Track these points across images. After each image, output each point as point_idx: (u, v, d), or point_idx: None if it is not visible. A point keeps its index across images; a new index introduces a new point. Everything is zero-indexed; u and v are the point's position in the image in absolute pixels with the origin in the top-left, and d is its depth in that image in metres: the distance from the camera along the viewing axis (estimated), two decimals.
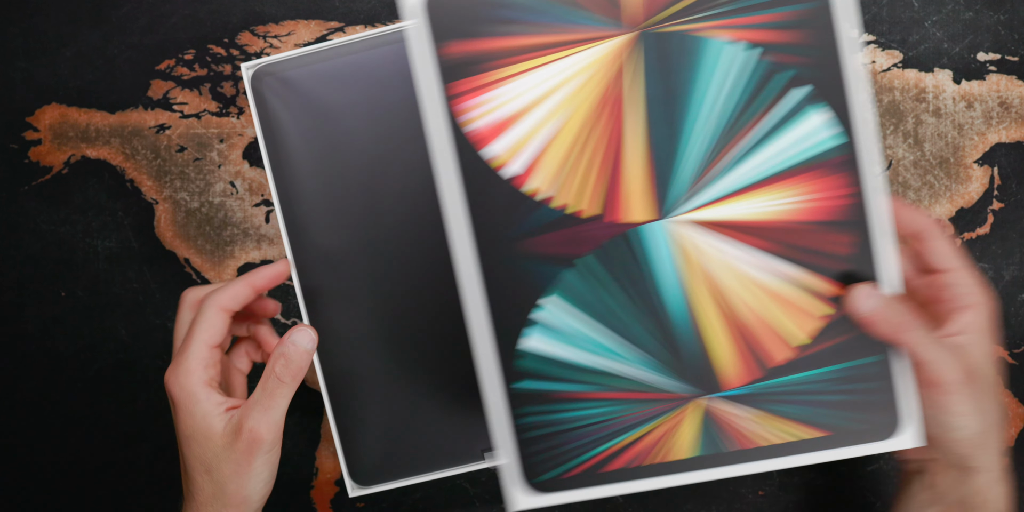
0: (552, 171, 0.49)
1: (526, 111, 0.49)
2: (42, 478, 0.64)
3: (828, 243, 0.50)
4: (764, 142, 0.49)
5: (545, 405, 0.51)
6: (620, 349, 0.51)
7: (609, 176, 0.49)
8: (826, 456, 0.51)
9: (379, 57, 0.57)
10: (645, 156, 0.49)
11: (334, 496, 0.64)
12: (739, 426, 0.51)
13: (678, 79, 0.48)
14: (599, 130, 0.49)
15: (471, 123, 0.49)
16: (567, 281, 0.50)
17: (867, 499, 0.63)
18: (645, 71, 0.49)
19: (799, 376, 0.51)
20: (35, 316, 0.64)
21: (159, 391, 0.64)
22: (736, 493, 0.63)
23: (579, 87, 0.49)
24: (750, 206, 0.50)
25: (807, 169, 0.49)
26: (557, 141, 0.49)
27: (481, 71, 0.49)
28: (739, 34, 0.48)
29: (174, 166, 0.63)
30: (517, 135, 0.49)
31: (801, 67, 0.48)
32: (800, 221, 0.50)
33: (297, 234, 0.57)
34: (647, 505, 0.63)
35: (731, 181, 0.49)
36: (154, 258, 0.64)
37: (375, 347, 0.58)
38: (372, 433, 0.58)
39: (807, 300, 0.50)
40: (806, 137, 0.49)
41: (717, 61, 0.48)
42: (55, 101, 0.64)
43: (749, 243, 0.50)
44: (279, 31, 0.63)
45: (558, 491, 0.52)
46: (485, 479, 0.63)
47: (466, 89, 0.49)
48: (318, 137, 0.57)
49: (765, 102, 0.49)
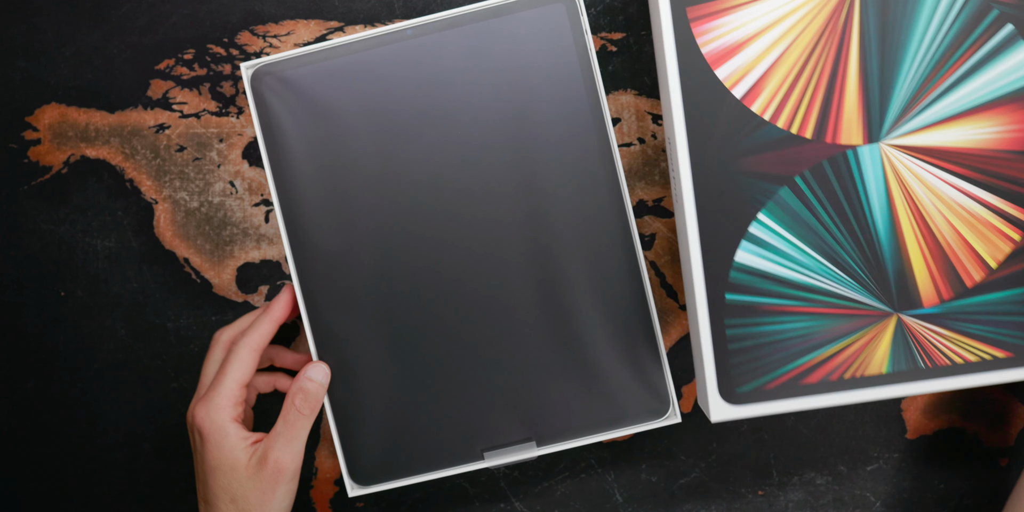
0: (775, 93, 0.54)
1: (756, 36, 0.53)
2: (42, 478, 0.64)
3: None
4: (972, 75, 0.53)
5: (751, 318, 0.54)
6: (825, 266, 0.54)
7: (825, 100, 0.53)
8: (1013, 376, 0.54)
9: (379, 57, 0.57)
10: (859, 83, 0.53)
11: (334, 496, 0.64)
12: (932, 343, 0.54)
13: (895, 12, 0.53)
14: (818, 57, 0.53)
15: (708, 45, 0.53)
16: (782, 198, 0.54)
17: (867, 499, 0.63)
18: (865, 3, 0.53)
19: (990, 297, 0.54)
20: (34, 316, 0.64)
21: (159, 391, 0.64)
22: (736, 493, 0.63)
23: (804, 16, 0.53)
24: (956, 134, 0.54)
25: (1010, 101, 0.53)
26: (781, 65, 0.53)
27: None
28: None
29: (173, 166, 0.63)
30: (747, 58, 0.53)
31: (1006, 7, 0.53)
32: (1002, 149, 0.54)
33: (296, 234, 0.57)
34: (647, 505, 0.63)
35: (939, 110, 0.54)
36: (153, 258, 0.64)
37: (375, 347, 0.58)
38: (371, 433, 0.58)
39: (1002, 225, 0.54)
40: (1011, 71, 0.53)
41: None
42: (54, 101, 0.64)
43: (952, 170, 0.54)
44: (279, 31, 0.63)
45: (757, 402, 0.55)
46: (485, 479, 0.63)
47: (705, 13, 0.53)
48: (318, 136, 0.57)
49: (975, 37, 0.53)
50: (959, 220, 0.54)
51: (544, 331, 0.58)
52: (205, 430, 0.55)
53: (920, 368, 0.54)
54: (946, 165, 0.54)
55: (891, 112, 0.54)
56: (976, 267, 0.54)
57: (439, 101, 0.57)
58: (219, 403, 0.55)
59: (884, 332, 0.55)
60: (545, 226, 0.57)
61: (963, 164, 0.54)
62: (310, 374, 0.56)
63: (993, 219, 0.54)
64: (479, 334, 0.58)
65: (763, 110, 0.54)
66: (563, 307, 0.57)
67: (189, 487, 0.64)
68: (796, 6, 0.53)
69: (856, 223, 0.54)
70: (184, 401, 0.64)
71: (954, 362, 0.54)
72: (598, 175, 0.57)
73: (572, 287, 0.57)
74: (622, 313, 0.57)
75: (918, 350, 0.54)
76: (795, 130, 0.54)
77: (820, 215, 0.54)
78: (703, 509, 0.63)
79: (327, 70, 0.57)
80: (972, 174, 0.54)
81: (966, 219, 0.54)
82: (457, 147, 0.57)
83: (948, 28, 0.53)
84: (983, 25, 0.53)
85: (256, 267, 0.64)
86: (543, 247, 0.57)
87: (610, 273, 0.57)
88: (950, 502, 0.63)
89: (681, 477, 0.63)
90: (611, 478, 0.63)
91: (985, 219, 0.54)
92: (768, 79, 0.54)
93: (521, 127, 0.57)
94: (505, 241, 0.58)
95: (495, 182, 0.57)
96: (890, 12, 0.53)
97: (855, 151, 0.54)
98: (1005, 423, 0.63)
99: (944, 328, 0.54)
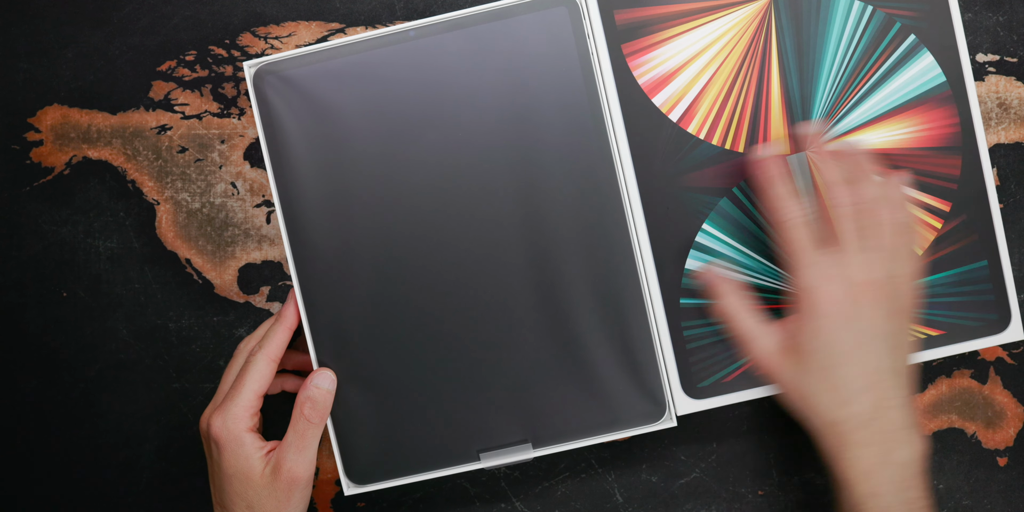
0: (708, 114, 0.59)
1: (686, 65, 0.59)
2: (42, 478, 0.65)
3: (939, 166, 0.59)
4: (883, 82, 0.59)
5: (705, 319, 0.59)
6: (768, 266, 0.59)
7: (753, 117, 0.59)
8: (948, 351, 0.59)
9: (382, 57, 0.57)
10: (782, 99, 0.59)
11: (334, 496, 0.64)
12: None
13: (808, 32, 0.59)
14: (743, 78, 0.59)
15: (643, 76, 0.59)
16: (723, 209, 0.59)
17: None
18: (780, 28, 0.58)
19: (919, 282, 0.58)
20: (36, 316, 0.64)
21: (160, 392, 0.64)
22: (736, 493, 0.63)
23: (727, 43, 0.59)
24: (874, 137, 0.59)
25: (920, 103, 0.59)
26: (710, 89, 0.59)
27: (649, 33, 0.59)
28: None
29: (175, 167, 0.64)
30: (680, 85, 0.59)
31: (907, 19, 0.58)
32: (917, 147, 0.59)
33: (298, 234, 0.57)
34: (647, 505, 0.63)
35: (857, 116, 0.59)
36: (155, 259, 0.64)
37: (373, 347, 0.58)
38: (369, 432, 0.58)
39: (924, 216, 0.59)
40: (918, 76, 0.59)
41: (841, 16, 0.58)
42: (57, 102, 0.64)
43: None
44: (280, 32, 0.63)
45: (718, 395, 0.59)
46: (486, 479, 0.63)
47: (638, 48, 0.59)
48: (319, 136, 0.57)
49: (882, 49, 0.59)
50: None
51: (542, 333, 0.58)
52: (221, 440, 0.55)
53: None
54: None
55: (812, 122, 0.59)
56: None
57: (440, 102, 0.57)
58: (236, 413, 0.56)
59: None
60: (544, 229, 0.57)
61: (884, 164, 0.59)
62: (317, 382, 0.57)
63: (915, 211, 0.59)
64: (477, 335, 0.58)
65: (698, 130, 0.59)
66: (561, 310, 0.58)
67: (191, 487, 0.64)
68: (719, 35, 0.58)
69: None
70: (186, 401, 0.64)
71: None
72: (597, 178, 0.57)
73: (570, 290, 0.58)
74: (619, 316, 0.58)
75: None
76: (729, 145, 0.59)
77: (759, 220, 0.59)
78: (703, 509, 0.64)
79: (330, 70, 0.57)
80: (892, 172, 0.58)
81: None
82: (457, 149, 0.57)
83: (857, 43, 0.59)
84: (888, 37, 0.58)
85: (258, 268, 0.64)
86: (542, 250, 0.58)
87: (608, 277, 0.58)
88: (949, 502, 0.63)
89: (681, 477, 0.64)
90: (611, 478, 0.63)
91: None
92: (700, 102, 0.59)
93: (522, 130, 0.57)
94: (504, 243, 0.58)
95: (495, 184, 0.57)
96: (803, 33, 0.58)
97: (785, 161, 0.58)
98: (1004, 423, 0.64)
99: None
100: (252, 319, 0.64)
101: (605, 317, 0.58)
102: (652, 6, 0.58)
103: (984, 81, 0.63)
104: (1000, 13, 0.63)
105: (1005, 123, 0.63)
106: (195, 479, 0.64)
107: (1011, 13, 0.63)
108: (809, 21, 0.58)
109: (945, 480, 0.63)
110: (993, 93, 0.63)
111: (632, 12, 0.58)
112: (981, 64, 0.63)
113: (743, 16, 0.58)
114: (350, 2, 0.63)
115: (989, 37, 0.63)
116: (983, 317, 0.59)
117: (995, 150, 0.63)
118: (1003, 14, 0.63)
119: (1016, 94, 0.63)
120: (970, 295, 0.59)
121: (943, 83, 0.59)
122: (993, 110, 0.63)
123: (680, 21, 0.58)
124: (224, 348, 0.64)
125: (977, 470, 0.63)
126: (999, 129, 0.63)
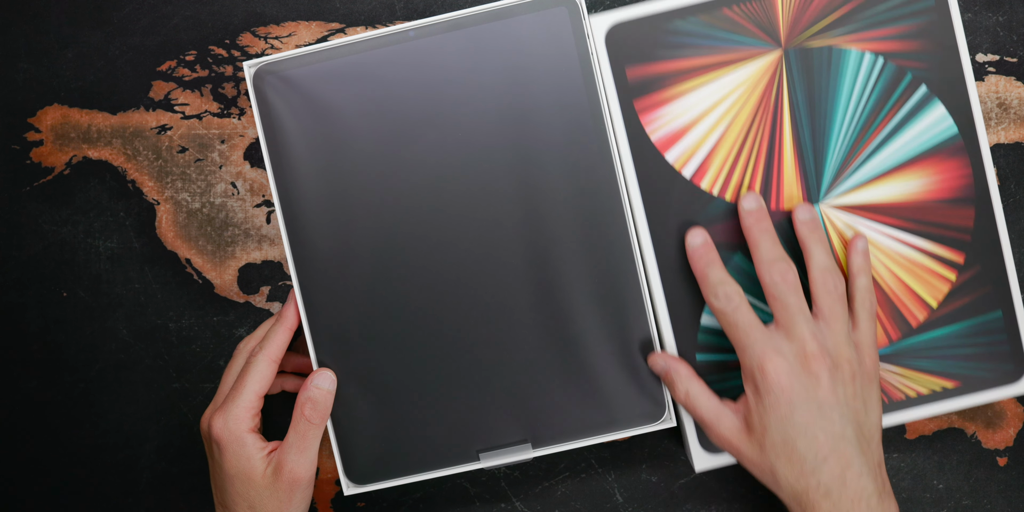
0: (721, 170, 0.58)
1: (698, 120, 0.58)
2: (44, 478, 0.65)
3: (952, 217, 0.59)
4: (896, 134, 0.59)
5: (721, 373, 0.59)
6: None
7: (766, 172, 0.59)
8: (964, 403, 0.59)
9: (381, 58, 0.57)
10: (794, 154, 0.59)
11: (335, 495, 0.64)
12: (887, 380, 0.59)
13: (819, 86, 0.58)
14: (755, 133, 0.58)
15: (656, 132, 0.58)
16: (737, 264, 0.59)
17: None
18: (791, 82, 0.58)
19: (934, 334, 0.59)
20: (36, 316, 0.64)
21: (161, 392, 0.64)
22: (736, 493, 0.64)
23: (738, 98, 0.58)
24: (887, 189, 0.59)
25: (932, 154, 0.59)
26: (723, 144, 0.58)
27: (660, 88, 0.58)
28: (868, 46, 0.58)
29: (176, 167, 0.64)
30: (692, 141, 0.58)
31: (917, 71, 0.58)
32: (930, 199, 0.59)
33: (297, 234, 0.57)
34: (647, 505, 0.63)
35: (870, 169, 0.59)
36: (155, 258, 0.64)
37: (373, 346, 0.58)
38: (368, 432, 0.58)
39: (939, 267, 0.59)
40: (930, 127, 0.58)
41: (852, 69, 0.58)
42: (57, 102, 0.64)
43: (888, 222, 0.59)
44: (280, 32, 0.63)
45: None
46: (486, 479, 0.64)
47: (650, 104, 0.58)
48: (319, 136, 0.57)
49: (892, 103, 0.58)
50: (899, 267, 0.59)
51: (541, 334, 0.58)
52: (223, 440, 0.56)
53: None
54: (881, 218, 0.59)
55: (826, 176, 0.59)
56: (919, 308, 0.59)
57: (440, 103, 0.57)
58: (237, 414, 0.56)
59: None
60: (544, 229, 0.58)
61: (897, 216, 0.59)
62: (317, 382, 0.57)
63: (930, 263, 0.59)
64: (477, 335, 0.58)
65: (711, 186, 0.58)
66: (560, 310, 0.58)
67: (191, 487, 0.64)
68: (730, 90, 0.58)
69: (806, 278, 0.58)
70: (186, 401, 0.64)
71: (908, 396, 0.59)
72: (596, 179, 0.57)
73: (570, 290, 0.58)
74: (619, 317, 0.58)
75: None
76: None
77: None
78: (703, 509, 0.64)
79: (329, 70, 0.57)
80: (906, 224, 0.59)
81: (905, 266, 0.59)
82: (457, 149, 0.57)
83: (868, 96, 0.58)
84: (900, 89, 0.58)
85: (258, 268, 0.64)
86: (542, 250, 0.58)
87: (608, 277, 0.58)
88: (949, 502, 0.63)
89: (681, 477, 0.64)
90: (611, 478, 0.64)
91: (923, 264, 0.59)
92: (713, 158, 0.58)
93: (521, 130, 0.57)
94: (504, 243, 0.58)
95: (494, 185, 0.57)
96: (814, 86, 0.58)
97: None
98: (1004, 423, 0.64)
99: (896, 366, 0.59)
100: (252, 319, 0.64)
101: (604, 317, 0.58)
102: (663, 61, 0.58)
103: (984, 81, 0.63)
104: (1000, 13, 0.63)
105: (1005, 123, 0.63)
106: (195, 479, 0.64)
107: (1011, 13, 0.63)
108: (820, 74, 0.58)
109: (945, 480, 0.63)
110: (993, 93, 0.63)
111: (644, 68, 0.58)
112: (981, 64, 0.63)
113: (754, 70, 0.58)
114: (350, 2, 0.63)
115: (989, 37, 0.63)
116: (998, 367, 0.59)
117: (995, 150, 0.63)
118: (1003, 14, 0.63)
119: (1016, 94, 0.63)
120: (985, 346, 0.59)
121: (955, 134, 0.58)
122: (993, 110, 0.63)
123: (691, 76, 0.58)
124: (224, 348, 0.64)
125: (977, 470, 0.63)
126: (999, 129, 0.63)
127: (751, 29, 0.58)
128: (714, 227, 0.58)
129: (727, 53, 0.58)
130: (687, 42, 0.58)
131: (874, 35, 0.58)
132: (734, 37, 0.58)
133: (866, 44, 0.58)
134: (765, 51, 0.58)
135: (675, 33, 0.58)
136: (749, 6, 0.58)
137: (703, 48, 0.58)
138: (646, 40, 0.58)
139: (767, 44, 0.58)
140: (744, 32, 0.58)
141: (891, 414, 0.59)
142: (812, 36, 0.58)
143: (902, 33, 0.58)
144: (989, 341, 0.59)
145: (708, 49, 0.58)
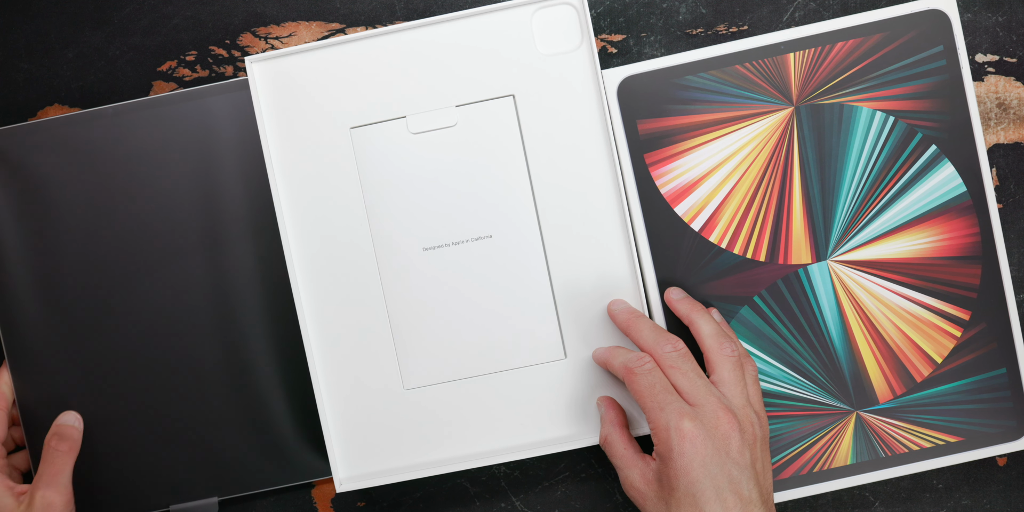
0: (730, 224, 0.59)
1: (708, 175, 0.59)
2: None
3: (959, 275, 0.60)
4: (904, 193, 0.59)
5: None
6: (788, 374, 0.60)
7: (775, 227, 0.59)
8: (966, 457, 0.60)
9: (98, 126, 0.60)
10: (804, 210, 0.59)
11: (335, 495, 0.64)
12: (890, 434, 0.60)
13: (830, 143, 0.59)
14: (765, 188, 0.59)
15: (666, 185, 0.59)
16: (744, 317, 0.60)
17: (866, 499, 0.63)
18: (802, 138, 0.59)
19: (938, 389, 0.60)
20: None
21: None
22: None
23: (748, 154, 0.59)
24: (895, 246, 0.60)
25: (940, 213, 0.59)
26: (732, 199, 0.59)
27: (672, 143, 0.59)
28: (879, 104, 0.59)
29: None
30: (702, 194, 0.59)
31: (928, 130, 0.59)
32: (937, 257, 0.60)
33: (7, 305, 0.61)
34: None
35: (878, 226, 0.60)
36: None
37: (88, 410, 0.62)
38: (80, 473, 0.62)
39: (944, 324, 0.60)
40: (938, 186, 0.59)
41: (864, 127, 0.59)
42: (57, 102, 0.64)
43: (894, 278, 0.60)
44: (280, 32, 0.63)
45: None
46: (486, 478, 0.63)
47: (660, 158, 0.59)
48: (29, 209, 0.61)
49: (902, 161, 0.59)
50: (905, 323, 0.60)
51: (228, 392, 0.61)
52: None
53: (881, 457, 0.60)
54: (888, 275, 0.60)
55: (835, 232, 0.60)
56: (923, 363, 0.60)
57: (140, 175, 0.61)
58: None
59: (846, 428, 0.60)
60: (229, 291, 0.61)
61: (904, 273, 0.60)
62: (61, 420, 0.61)
63: (935, 319, 0.60)
64: (173, 392, 0.61)
65: (720, 240, 0.59)
66: (248, 369, 0.61)
67: None
68: (741, 145, 0.59)
69: (812, 333, 0.60)
70: None
71: (911, 449, 0.60)
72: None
73: (256, 351, 0.61)
74: None
75: (878, 442, 0.60)
76: (750, 255, 0.60)
77: (779, 329, 0.60)
78: None
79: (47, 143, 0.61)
80: (912, 281, 0.60)
81: (911, 321, 0.60)
82: (152, 222, 0.61)
83: (878, 153, 0.59)
84: (909, 148, 0.59)
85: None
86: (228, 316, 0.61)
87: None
88: (949, 502, 0.63)
89: None
90: (611, 478, 0.63)
91: (928, 320, 0.60)
92: (722, 212, 0.59)
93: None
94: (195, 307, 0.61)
95: (183, 244, 0.61)
96: (825, 143, 0.59)
97: (805, 270, 0.60)
98: None
99: (899, 420, 0.60)
100: None
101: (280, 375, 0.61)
102: (675, 116, 0.58)
103: (983, 81, 0.63)
104: (1000, 13, 0.63)
105: (1004, 123, 0.63)
106: None
107: (1011, 13, 0.63)
108: (831, 131, 0.58)
109: (945, 480, 0.63)
110: (992, 93, 0.63)
111: (655, 122, 0.58)
112: (980, 64, 0.63)
113: (766, 126, 0.59)
114: (350, 2, 0.63)
115: (989, 37, 0.63)
116: (1002, 424, 0.60)
117: (995, 150, 0.63)
118: (1003, 14, 0.63)
119: (1015, 94, 0.63)
120: (989, 402, 0.60)
121: (963, 193, 0.59)
122: (992, 110, 0.63)
123: (703, 131, 0.58)
124: None
125: (977, 470, 0.63)
126: (998, 129, 0.63)
127: (763, 86, 0.58)
128: (724, 280, 0.59)
129: (739, 109, 0.58)
130: (699, 97, 0.58)
131: (886, 94, 0.59)
132: (746, 93, 0.58)
133: (877, 103, 0.59)
134: (777, 108, 0.58)
135: (687, 88, 0.58)
136: (762, 63, 0.58)
137: (715, 103, 0.58)
138: (658, 94, 0.58)
139: (779, 101, 0.58)
140: (756, 89, 0.58)
141: (893, 468, 0.60)
142: (824, 94, 0.58)
143: (913, 93, 0.59)
144: (993, 397, 0.60)
145: (720, 105, 0.58)
